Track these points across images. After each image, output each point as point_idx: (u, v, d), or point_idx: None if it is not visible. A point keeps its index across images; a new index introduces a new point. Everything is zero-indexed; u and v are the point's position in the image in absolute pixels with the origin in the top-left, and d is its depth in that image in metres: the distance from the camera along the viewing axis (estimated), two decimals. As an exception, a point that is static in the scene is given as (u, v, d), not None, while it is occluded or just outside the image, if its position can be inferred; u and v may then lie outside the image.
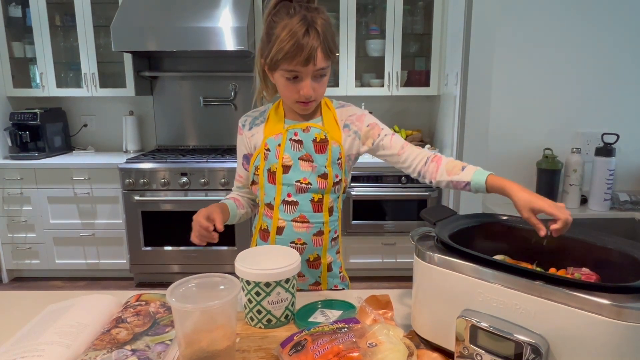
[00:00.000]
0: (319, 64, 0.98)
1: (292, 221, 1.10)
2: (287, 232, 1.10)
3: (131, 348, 0.75)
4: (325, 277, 1.16)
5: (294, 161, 1.09)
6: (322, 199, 1.10)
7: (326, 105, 1.14)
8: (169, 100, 3.33)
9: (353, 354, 0.68)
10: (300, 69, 0.98)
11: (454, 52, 2.63)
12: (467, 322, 0.67)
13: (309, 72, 0.99)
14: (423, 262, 0.76)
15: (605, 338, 0.57)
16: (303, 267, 1.12)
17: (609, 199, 2.15)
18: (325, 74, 1.03)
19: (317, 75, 1.01)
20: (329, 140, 1.09)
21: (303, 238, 1.10)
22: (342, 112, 1.14)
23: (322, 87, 1.04)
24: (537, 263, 0.83)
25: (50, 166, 2.84)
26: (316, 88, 1.02)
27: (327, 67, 1.02)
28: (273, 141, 1.10)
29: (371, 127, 1.12)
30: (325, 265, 1.14)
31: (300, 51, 0.95)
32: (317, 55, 0.97)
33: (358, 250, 2.94)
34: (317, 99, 1.05)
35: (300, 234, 1.10)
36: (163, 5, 2.77)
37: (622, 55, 2.23)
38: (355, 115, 1.14)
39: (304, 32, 0.95)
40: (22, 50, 3.06)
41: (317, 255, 1.13)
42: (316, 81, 1.02)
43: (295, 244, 1.10)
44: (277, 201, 1.10)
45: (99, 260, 2.96)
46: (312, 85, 1.01)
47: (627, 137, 2.25)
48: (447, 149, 2.82)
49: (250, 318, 0.89)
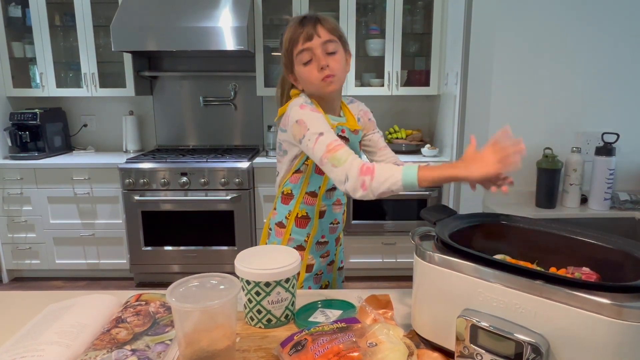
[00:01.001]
0: (323, 35, 1.09)
1: (332, 205, 1.25)
2: (328, 215, 1.25)
3: (131, 348, 0.75)
4: (339, 251, 1.37)
5: None
6: None
7: (345, 105, 1.26)
8: (169, 100, 3.33)
9: (353, 353, 0.68)
10: (307, 45, 1.09)
11: (454, 51, 2.63)
12: (467, 321, 0.67)
13: (317, 45, 1.09)
14: (423, 261, 0.76)
15: (606, 337, 0.57)
16: (332, 246, 1.30)
17: (609, 199, 2.15)
18: (334, 50, 1.11)
19: (326, 50, 1.10)
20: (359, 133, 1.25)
21: (338, 218, 1.28)
22: (353, 107, 1.28)
23: (336, 63, 1.11)
24: (537, 262, 0.83)
25: (50, 166, 2.84)
26: (331, 63, 1.10)
27: (335, 42, 1.11)
28: None
29: (371, 123, 1.31)
30: (341, 240, 1.36)
31: (301, 30, 1.09)
32: (318, 28, 1.09)
33: (358, 250, 2.94)
34: (337, 74, 1.12)
35: (336, 215, 1.27)
36: (163, 5, 2.77)
37: (622, 55, 2.23)
38: (363, 111, 1.31)
39: (301, 19, 1.11)
40: (22, 50, 3.06)
41: (340, 232, 1.33)
42: (330, 56, 1.11)
43: (333, 224, 1.27)
44: (322, 190, 1.21)
45: (99, 260, 2.96)
46: (326, 58, 1.10)
47: (627, 136, 2.25)
48: (447, 149, 2.82)
49: (250, 318, 0.89)
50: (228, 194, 2.79)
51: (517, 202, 2.34)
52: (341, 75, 1.14)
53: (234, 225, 2.84)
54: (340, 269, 1.40)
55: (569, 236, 0.81)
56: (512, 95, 2.30)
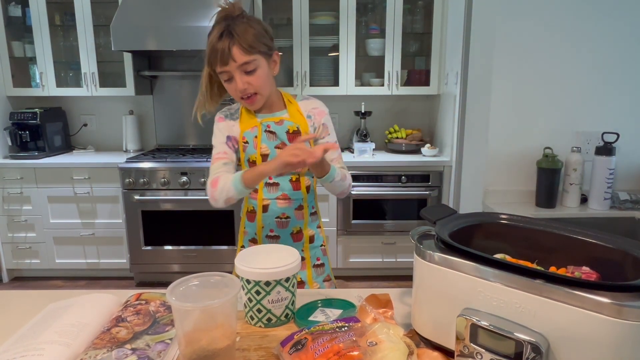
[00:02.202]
0: (239, 59, 1.09)
1: (275, 199, 1.25)
2: (272, 209, 1.25)
3: (131, 347, 0.75)
4: (308, 248, 1.31)
5: (270, 150, 1.22)
6: (299, 179, 1.26)
7: (289, 101, 1.27)
8: (169, 99, 3.33)
9: (353, 352, 0.68)
10: (224, 68, 1.11)
11: (454, 51, 2.63)
12: (467, 320, 0.67)
13: (233, 69, 1.11)
14: (423, 261, 0.76)
15: (606, 336, 0.57)
16: (288, 242, 1.27)
17: (609, 198, 2.15)
18: (254, 68, 1.12)
19: (245, 70, 1.12)
20: (301, 132, 1.23)
21: (287, 212, 1.26)
22: (305, 104, 1.28)
23: (258, 79, 1.14)
24: (537, 262, 0.83)
25: (50, 166, 2.84)
26: (251, 81, 1.13)
27: (253, 61, 1.11)
28: (250, 134, 1.23)
29: (324, 127, 1.27)
30: (307, 237, 1.31)
31: (216, 53, 1.10)
32: (232, 52, 1.08)
33: (358, 250, 2.94)
34: (259, 91, 1.16)
35: (283, 209, 1.26)
36: (163, 4, 2.77)
37: (622, 55, 2.23)
38: (317, 110, 1.28)
39: (218, 38, 1.10)
40: (22, 50, 3.05)
41: (300, 228, 1.29)
42: (249, 75, 1.12)
43: (280, 219, 1.26)
44: (261, 184, 1.24)
45: (99, 259, 2.96)
46: (244, 79, 1.12)
47: (627, 136, 2.25)
48: (447, 149, 2.82)
49: (250, 317, 0.89)
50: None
51: (517, 201, 2.34)
52: (265, 88, 1.17)
53: (233, 225, 2.84)
54: (318, 267, 1.35)
55: (568, 236, 0.81)
56: (512, 95, 2.30)
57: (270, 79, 1.19)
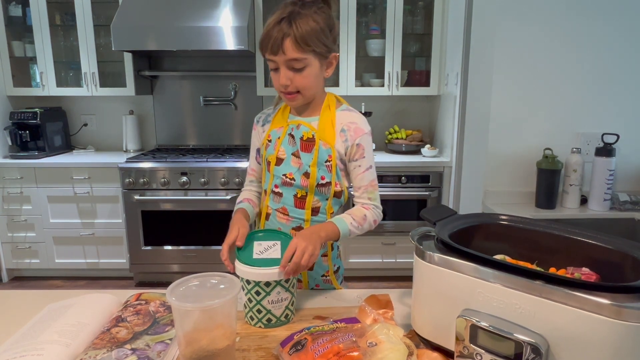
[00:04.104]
0: (289, 53, 0.99)
1: (276, 210, 1.14)
2: (272, 220, 1.16)
3: (131, 347, 0.75)
4: (305, 273, 1.15)
5: (287, 155, 1.12)
6: (306, 197, 1.11)
7: (328, 107, 1.12)
8: (169, 99, 3.33)
9: (353, 353, 0.68)
10: (273, 57, 1.01)
11: (454, 52, 2.63)
12: (467, 321, 0.67)
13: (281, 61, 1.01)
14: (423, 261, 0.76)
15: (605, 338, 0.57)
16: None
17: (609, 199, 2.15)
18: (302, 66, 1.01)
19: (292, 67, 1.01)
20: (317, 141, 1.08)
21: (283, 229, 1.11)
22: (343, 115, 1.12)
23: (304, 79, 1.03)
24: (537, 263, 0.83)
25: (50, 165, 2.84)
26: (294, 79, 1.02)
27: (303, 59, 1.00)
28: (275, 133, 1.14)
29: (358, 148, 1.09)
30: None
31: (268, 39, 0.99)
32: (285, 44, 0.98)
33: (358, 250, 2.94)
34: (302, 91, 1.04)
35: (280, 224, 1.14)
36: (163, 4, 2.77)
37: (622, 56, 2.24)
38: (355, 126, 1.10)
39: (277, 22, 0.99)
40: (22, 50, 3.05)
41: None
42: (295, 72, 1.02)
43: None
44: (269, 189, 1.15)
45: (98, 259, 2.96)
46: (288, 75, 1.02)
47: (627, 137, 2.25)
48: (447, 149, 2.82)
49: (250, 317, 0.89)
50: (228, 194, 2.79)
51: (517, 202, 2.34)
52: (310, 89, 1.06)
53: (233, 225, 2.84)
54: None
55: (568, 236, 0.81)
56: (512, 96, 2.30)
57: (319, 81, 1.07)
